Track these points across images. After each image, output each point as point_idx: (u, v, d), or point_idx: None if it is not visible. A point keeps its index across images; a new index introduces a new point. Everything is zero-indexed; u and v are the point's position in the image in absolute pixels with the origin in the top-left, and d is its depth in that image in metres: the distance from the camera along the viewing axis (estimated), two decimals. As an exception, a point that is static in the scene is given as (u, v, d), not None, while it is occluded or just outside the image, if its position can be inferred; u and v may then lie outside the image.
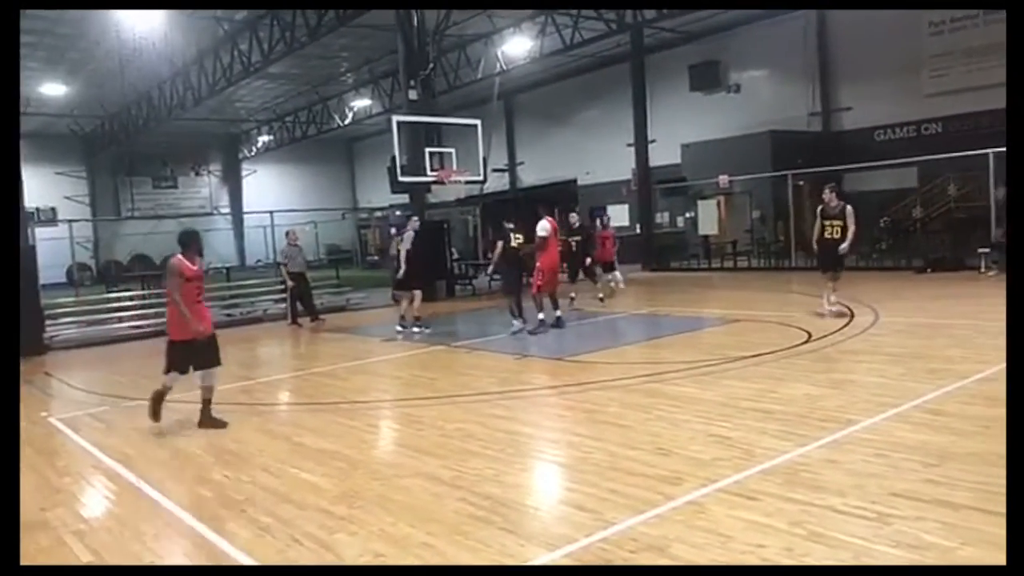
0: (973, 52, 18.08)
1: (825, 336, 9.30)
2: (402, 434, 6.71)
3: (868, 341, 9.02)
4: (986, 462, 4.56)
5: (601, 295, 14.73)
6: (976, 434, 5.15)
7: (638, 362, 8.59)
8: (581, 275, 14.81)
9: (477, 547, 3.88)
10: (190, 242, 6.70)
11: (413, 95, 17.93)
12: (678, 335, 10.50)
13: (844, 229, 10.35)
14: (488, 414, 6.73)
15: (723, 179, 21.42)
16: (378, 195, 34.71)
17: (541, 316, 11.30)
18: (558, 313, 11.47)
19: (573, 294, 14.09)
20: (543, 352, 9.92)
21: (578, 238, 14.59)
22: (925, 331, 9.56)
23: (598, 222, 16.99)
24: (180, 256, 6.60)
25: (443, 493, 4.71)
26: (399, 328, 12.19)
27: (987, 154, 15.65)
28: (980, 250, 15.30)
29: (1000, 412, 5.63)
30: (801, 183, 20.44)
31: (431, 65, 17.80)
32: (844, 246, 10.38)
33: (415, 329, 12.07)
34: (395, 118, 15.85)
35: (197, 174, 40.61)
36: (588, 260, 14.70)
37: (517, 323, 11.21)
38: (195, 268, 6.66)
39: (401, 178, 15.70)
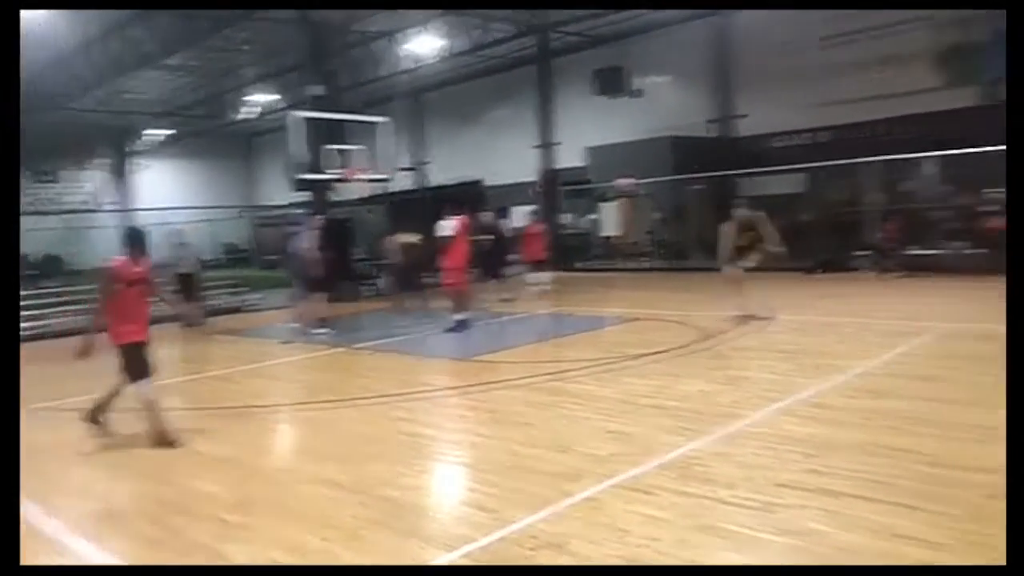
0: (862, 65, 19.11)
1: (720, 334, 9.64)
2: (301, 439, 6.54)
3: (761, 339, 9.41)
4: (865, 452, 4.82)
5: (507, 296, 14.78)
6: (858, 425, 5.44)
7: (541, 361, 8.66)
8: (498, 274, 14.85)
9: (374, 551, 3.81)
10: (135, 242, 6.13)
11: (316, 90, 17.51)
12: (581, 334, 10.66)
13: (758, 236, 10.79)
14: (389, 416, 6.64)
15: (625, 181, 21.90)
16: (281, 192, 33.76)
17: (459, 316, 11.26)
18: (462, 315, 11.44)
19: (508, 295, 14.17)
20: (447, 353, 9.88)
21: (491, 237, 14.62)
22: (814, 329, 10.04)
23: (505, 219, 17.01)
24: (122, 257, 6.03)
25: (341, 498, 4.61)
26: (299, 330, 11.86)
27: (874, 161, 16.64)
28: (862, 252, 16.21)
29: (880, 404, 5.99)
30: (701, 187, 21.11)
31: (336, 61, 17.44)
32: (773, 249, 10.79)
33: (317, 331, 11.79)
34: (294, 114, 15.42)
35: (81, 168, 38.39)
36: (504, 259, 14.75)
37: (401, 323, 11.12)
38: (139, 270, 6.08)
39: (302, 175, 15.29)
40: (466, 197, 22.31)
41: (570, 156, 24.70)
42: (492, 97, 28.78)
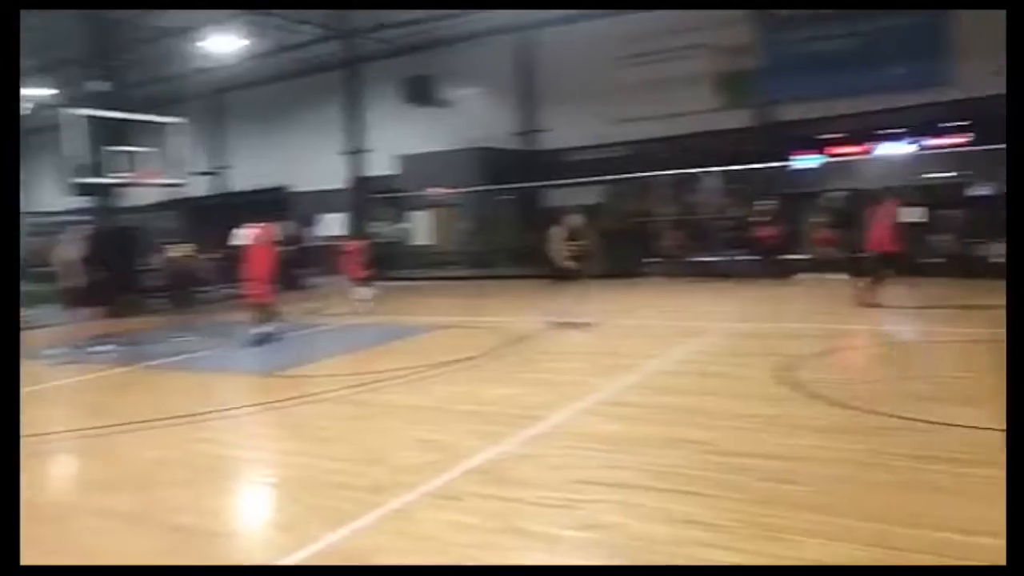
0: (656, 85, 20.58)
1: (528, 339, 9.95)
2: (84, 468, 5.91)
3: (565, 342, 9.83)
4: (658, 445, 5.17)
5: (314, 307, 14.33)
6: (652, 421, 5.82)
7: (350, 373, 8.47)
8: (301, 285, 14.32)
9: (163, 585, 3.52)
10: None
11: (100, 86, 16.03)
12: (392, 343, 10.56)
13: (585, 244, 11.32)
14: (188, 438, 6.18)
15: (437, 191, 22.07)
16: (59, 198, 30.50)
17: (262, 328, 10.72)
18: (265, 329, 10.93)
19: (314, 306, 13.64)
20: (250, 368, 9.39)
21: (293, 247, 14.10)
22: (613, 332, 10.63)
23: (310, 227, 16.52)
24: None
25: (130, 530, 4.22)
26: (74, 348, 10.67)
27: (667, 174, 18.00)
28: (654, 259, 17.47)
29: (671, 400, 6.44)
30: (509, 197, 21.71)
31: (124, 56, 16.07)
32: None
33: (97, 348, 10.73)
34: (70, 111, 14.01)
35: None
36: (308, 269, 14.28)
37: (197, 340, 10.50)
38: None
39: (79, 179, 13.91)
40: (268, 204, 21.43)
41: (381, 164, 24.48)
42: (299, 100, 27.85)
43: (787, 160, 18.97)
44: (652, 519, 3.93)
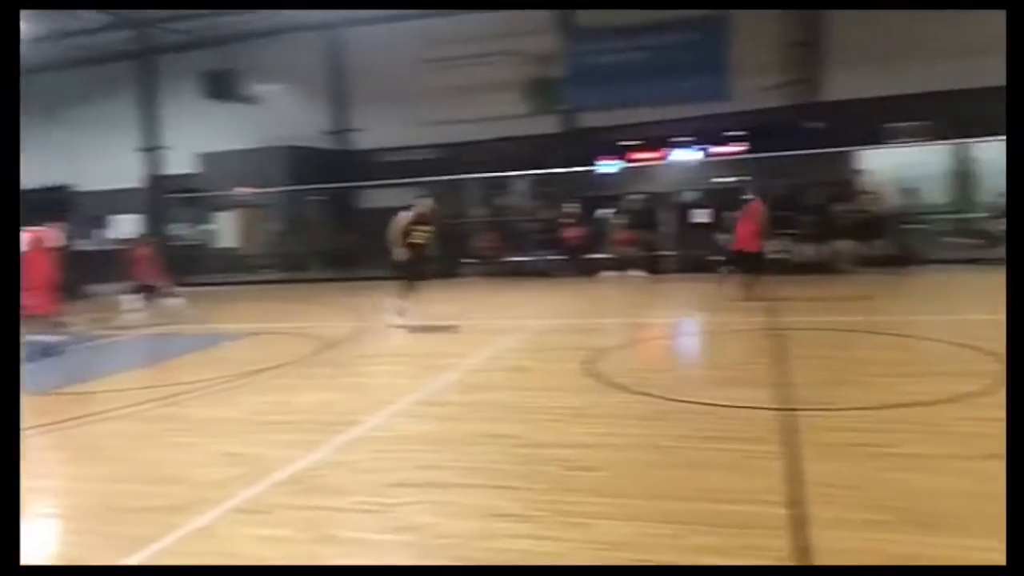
0: (468, 89, 20.89)
1: (342, 343, 9.78)
2: None
3: (380, 344, 9.77)
4: (469, 443, 5.30)
5: (103, 316, 13.17)
6: (463, 419, 5.95)
7: (148, 387, 7.89)
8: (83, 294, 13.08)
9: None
10: None
11: None
12: (195, 353, 9.96)
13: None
14: (-54, 469, 5.47)
15: (243, 191, 21.05)
16: None
17: (42, 342, 9.67)
18: (46, 341, 9.90)
19: (104, 315, 12.44)
20: (27, 387, 8.46)
21: (76, 250, 12.86)
22: (429, 332, 10.68)
23: (101, 229, 15.19)
24: None
25: None
26: None
27: (476, 178, 18.38)
28: (468, 260, 17.80)
29: (483, 396, 6.61)
30: (321, 198, 21.15)
31: None
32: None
33: None
34: None
35: None
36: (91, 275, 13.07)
37: None
38: None
39: None
40: (49, 204, 19.45)
41: (180, 162, 22.95)
42: (86, 92, 25.41)
43: (592, 165, 20.04)
44: (463, 516, 4.03)
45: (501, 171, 19.05)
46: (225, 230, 22.82)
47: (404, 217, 10.93)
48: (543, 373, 7.61)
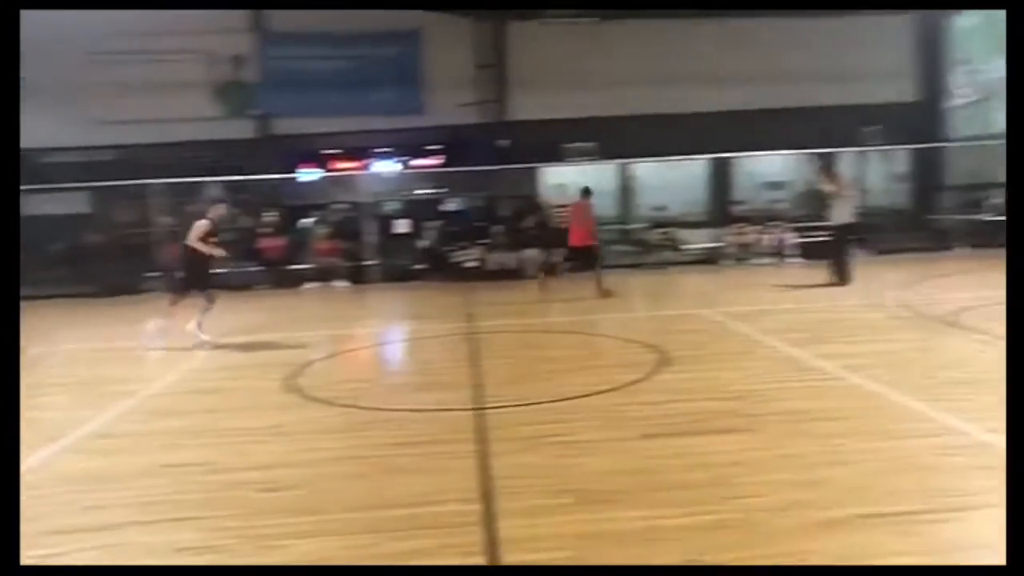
0: (149, 88, 18.95)
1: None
2: None
3: (58, 371, 8.49)
4: (146, 475, 4.77)
5: None
6: (139, 450, 5.35)
7: None
8: None
9: None
10: None
11: None
12: None
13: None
14: None
15: None
16: None
17: None
18: None
19: None
20: None
21: None
22: (106, 356, 9.53)
23: None
24: None
25: None
26: None
27: (158, 183, 16.84)
28: (154, 275, 16.22)
29: (164, 424, 6.03)
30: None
31: None
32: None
33: None
34: None
35: None
36: None
37: None
38: None
39: None
40: None
41: None
42: None
43: (293, 172, 19.42)
44: (136, 557, 3.64)
45: (191, 176, 17.63)
46: None
47: (204, 225, 9.75)
48: (238, 392, 7.17)
